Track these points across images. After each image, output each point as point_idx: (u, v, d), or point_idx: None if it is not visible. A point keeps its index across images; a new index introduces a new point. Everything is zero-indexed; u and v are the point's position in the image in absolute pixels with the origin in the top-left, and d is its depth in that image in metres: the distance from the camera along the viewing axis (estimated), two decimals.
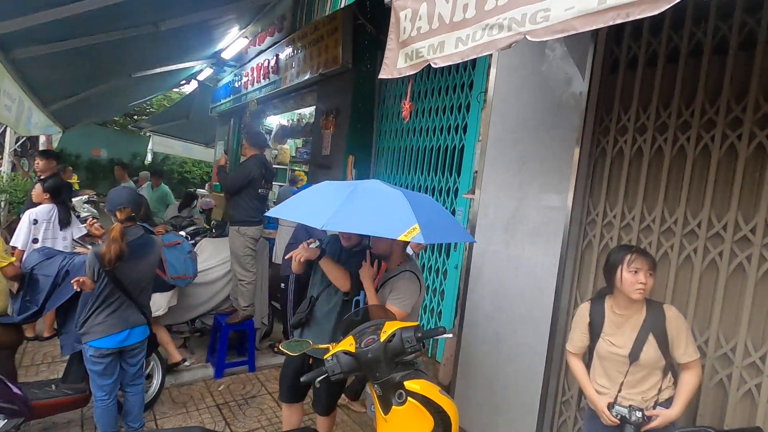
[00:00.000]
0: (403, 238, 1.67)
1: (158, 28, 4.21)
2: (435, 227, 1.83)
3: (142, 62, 5.73)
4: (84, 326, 2.31)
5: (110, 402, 2.40)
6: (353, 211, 1.79)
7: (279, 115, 7.91)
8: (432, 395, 1.78)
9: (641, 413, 1.76)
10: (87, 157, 15.26)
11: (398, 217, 1.72)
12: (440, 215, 2.03)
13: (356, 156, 4.86)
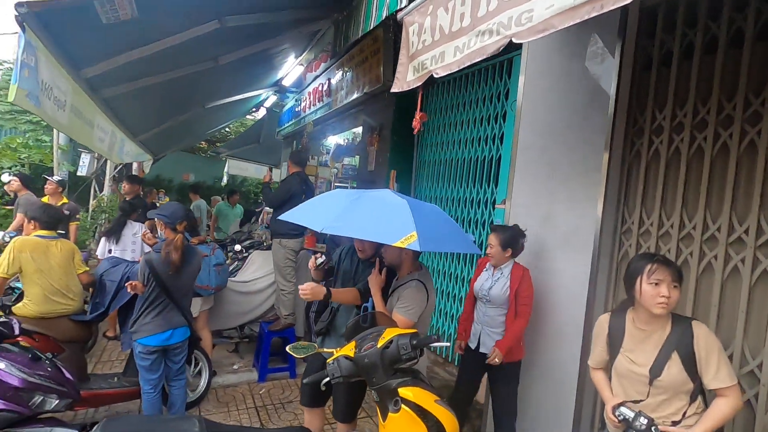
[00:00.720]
0: (399, 244, 1.70)
1: (217, 62, 4.73)
2: (436, 236, 1.84)
3: (211, 94, 6.41)
4: (134, 325, 2.63)
5: (155, 395, 2.68)
6: (353, 217, 1.86)
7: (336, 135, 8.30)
8: (426, 404, 1.76)
9: (648, 421, 1.57)
10: (178, 181, 17.16)
11: (397, 224, 1.76)
12: (444, 225, 2.02)
13: (398, 170, 4.94)
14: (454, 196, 4.34)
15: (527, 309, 2.54)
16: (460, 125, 4.35)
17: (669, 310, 1.67)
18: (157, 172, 13.26)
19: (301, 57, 6.85)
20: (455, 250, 2.12)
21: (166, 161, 12.06)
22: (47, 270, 2.77)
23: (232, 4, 3.57)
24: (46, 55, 2.84)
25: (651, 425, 1.56)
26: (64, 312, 2.84)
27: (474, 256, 3.77)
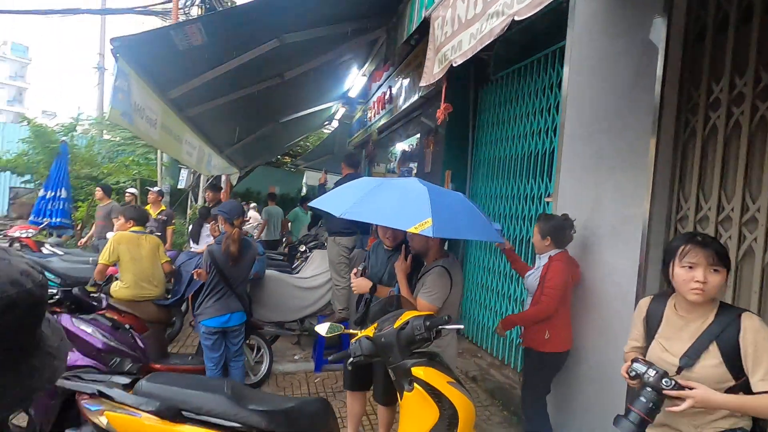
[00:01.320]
0: (413, 230, 1.77)
1: (283, 78, 5.18)
2: (453, 223, 1.87)
3: (283, 109, 6.98)
4: (199, 308, 2.99)
5: (217, 371, 3.00)
6: (372, 203, 1.97)
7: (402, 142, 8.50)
8: (438, 384, 1.78)
9: (658, 373, 1.41)
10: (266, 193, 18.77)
11: (414, 211, 1.82)
12: (466, 213, 2.03)
13: (453, 170, 4.94)
14: (509, 192, 4.23)
15: (547, 300, 2.43)
16: (514, 120, 4.25)
17: (706, 297, 1.50)
18: (247, 185, 14.61)
19: (364, 68, 7.17)
20: (474, 237, 2.11)
21: (254, 175, 13.28)
22: (138, 259, 3.28)
23: (290, 22, 3.92)
24: (137, 81, 3.39)
25: (662, 377, 1.41)
26: (150, 296, 3.32)
27: (530, 252, 3.64)
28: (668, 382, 1.39)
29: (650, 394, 1.41)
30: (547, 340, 2.51)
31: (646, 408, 1.39)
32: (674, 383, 1.39)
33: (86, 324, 2.34)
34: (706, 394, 1.37)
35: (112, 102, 3.02)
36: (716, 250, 1.48)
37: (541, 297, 2.47)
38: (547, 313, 2.45)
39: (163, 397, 1.57)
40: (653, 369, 1.43)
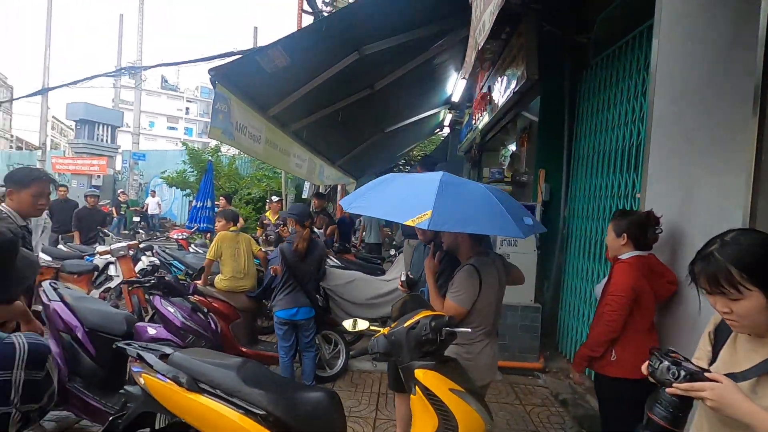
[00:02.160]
0: (411, 222, 1.72)
1: (373, 89, 5.41)
2: (458, 216, 1.74)
3: (385, 119, 7.27)
4: (273, 300, 3.31)
5: (287, 360, 3.28)
6: (379, 197, 1.96)
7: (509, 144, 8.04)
8: (437, 390, 1.67)
9: (671, 364, 1.08)
10: None
11: (416, 203, 1.76)
12: (481, 206, 1.86)
13: (547, 168, 4.49)
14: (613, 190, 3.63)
15: (608, 310, 2.01)
16: (614, 107, 3.68)
17: (747, 329, 1.12)
18: None
19: (462, 71, 7.03)
20: (480, 231, 1.90)
21: None
22: (237, 256, 3.81)
23: (367, 34, 4.11)
24: (237, 103, 3.95)
25: (669, 368, 1.08)
26: (243, 288, 3.82)
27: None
28: (676, 373, 1.05)
29: (667, 396, 1.08)
30: (613, 362, 2.10)
31: (665, 414, 1.08)
32: (684, 374, 1.05)
33: (170, 305, 2.84)
34: (727, 393, 1.01)
35: (212, 122, 3.58)
36: (708, 274, 1.09)
37: (604, 307, 2.08)
38: (610, 327, 2.05)
39: (186, 368, 1.81)
40: (667, 360, 1.10)
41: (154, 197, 14.25)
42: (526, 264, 4.15)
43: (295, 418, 1.73)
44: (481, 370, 2.08)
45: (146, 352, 1.88)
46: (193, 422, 1.76)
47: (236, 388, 1.74)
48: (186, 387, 1.74)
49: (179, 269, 4.93)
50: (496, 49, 5.68)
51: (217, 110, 3.62)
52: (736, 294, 1.07)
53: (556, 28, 4.41)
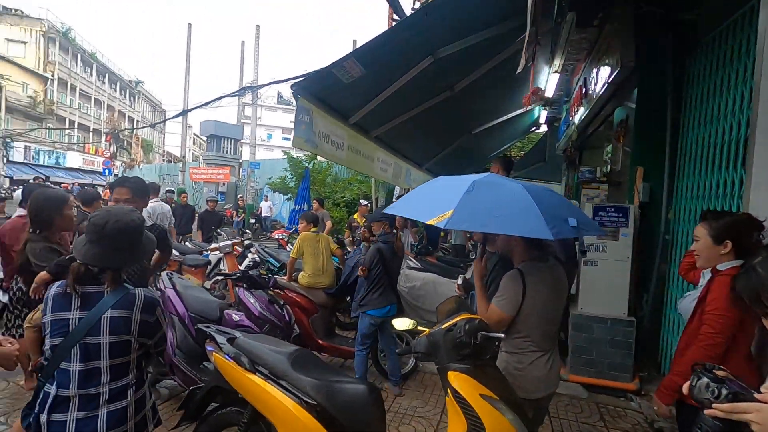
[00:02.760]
0: (432, 222, 1.73)
1: (453, 90, 5.37)
2: (481, 217, 1.70)
3: (471, 120, 7.13)
4: (364, 300, 3.48)
5: (364, 354, 3.45)
6: (416, 199, 2.00)
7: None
8: (466, 394, 1.65)
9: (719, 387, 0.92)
10: None
11: (443, 203, 1.77)
12: (507, 206, 1.77)
13: (646, 166, 3.99)
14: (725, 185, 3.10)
15: (708, 332, 1.72)
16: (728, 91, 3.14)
17: None
18: None
19: (556, 64, 6.57)
20: (504, 231, 1.77)
21: None
22: (317, 254, 4.13)
23: (439, 37, 4.12)
24: (319, 113, 4.28)
25: (708, 385, 0.94)
26: (321, 285, 4.11)
27: None
28: (715, 391, 0.92)
29: (708, 420, 0.95)
30: None
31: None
32: (726, 393, 0.90)
33: (251, 296, 3.19)
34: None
35: (295, 132, 3.93)
36: (749, 292, 0.92)
37: (702, 329, 1.80)
38: (710, 351, 1.75)
39: (247, 351, 2.05)
40: (707, 376, 0.96)
41: (267, 201, 15.93)
42: (616, 272, 3.78)
43: (335, 405, 1.84)
44: (532, 382, 1.97)
45: (218, 334, 2.17)
46: (251, 400, 1.99)
47: (285, 372, 1.92)
48: (246, 368, 1.98)
49: (275, 265, 5.48)
50: (591, 37, 5.21)
51: (300, 121, 3.97)
52: None
53: (656, 6, 3.91)
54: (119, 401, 1.54)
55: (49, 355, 1.51)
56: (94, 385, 1.50)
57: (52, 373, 1.50)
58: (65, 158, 28.01)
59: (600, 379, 3.75)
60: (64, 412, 1.47)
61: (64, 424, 1.46)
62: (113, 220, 1.58)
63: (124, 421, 1.54)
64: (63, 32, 29.90)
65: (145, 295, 1.62)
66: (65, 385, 1.48)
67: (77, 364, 1.48)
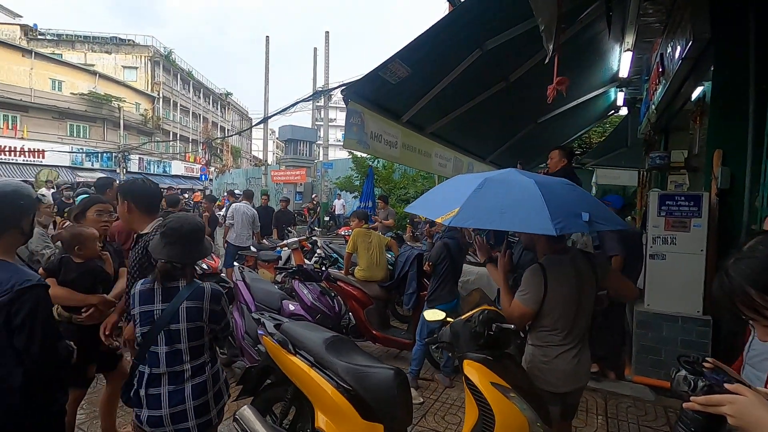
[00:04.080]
0: (439, 219, 1.81)
1: (508, 81, 5.24)
2: (485, 213, 1.74)
3: (534, 108, 6.83)
4: (432, 295, 3.61)
5: (423, 347, 3.57)
6: (431, 197, 2.07)
7: None
8: (478, 382, 1.71)
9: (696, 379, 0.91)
10: None
11: (452, 201, 1.84)
12: (514, 203, 1.77)
13: (725, 148, 3.58)
14: None
15: None
16: None
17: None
18: None
19: (628, 41, 6.05)
20: (506, 227, 1.74)
21: None
22: (368, 249, 4.34)
23: (487, 28, 4.08)
24: (370, 114, 4.47)
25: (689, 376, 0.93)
26: (375, 278, 4.31)
27: None
28: (691, 383, 0.91)
29: (689, 413, 0.91)
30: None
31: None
32: (702, 385, 0.90)
33: (304, 287, 3.48)
34: (751, 408, 0.81)
35: (346, 134, 4.16)
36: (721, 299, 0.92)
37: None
38: None
39: (290, 335, 2.29)
40: (685, 368, 0.95)
41: (340, 200, 16.68)
42: (688, 267, 3.48)
43: (364, 389, 2.01)
44: (557, 375, 1.96)
45: (267, 320, 2.46)
46: (293, 380, 2.23)
47: (320, 354, 2.13)
48: (289, 350, 2.23)
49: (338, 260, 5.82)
50: (664, 9, 4.76)
51: (351, 124, 4.18)
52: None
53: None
54: (200, 376, 1.86)
55: (140, 341, 1.85)
56: (178, 364, 1.83)
57: (144, 355, 1.85)
58: (170, 167, 31.74)
59: (668, 381, 3.46)
60: (157, 387, 1.81)
61: (158, 396, 1.80)
62: (186, 223, 1.91)
63: (205, 393, 1.87)
64: (165, 55, 33.83)
65: (212, 288, 1.93)
66: (156, 364, 1.82)
67: (163, 347, 1.82)
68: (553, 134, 9.17)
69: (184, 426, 1.80)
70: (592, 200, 1.94)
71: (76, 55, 30.44)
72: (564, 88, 2.26)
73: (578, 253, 2.05)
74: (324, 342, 2.20)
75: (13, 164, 21.77)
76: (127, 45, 32.77)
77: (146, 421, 1.81)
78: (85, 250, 2.38)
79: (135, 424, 1.88)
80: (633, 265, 3.84)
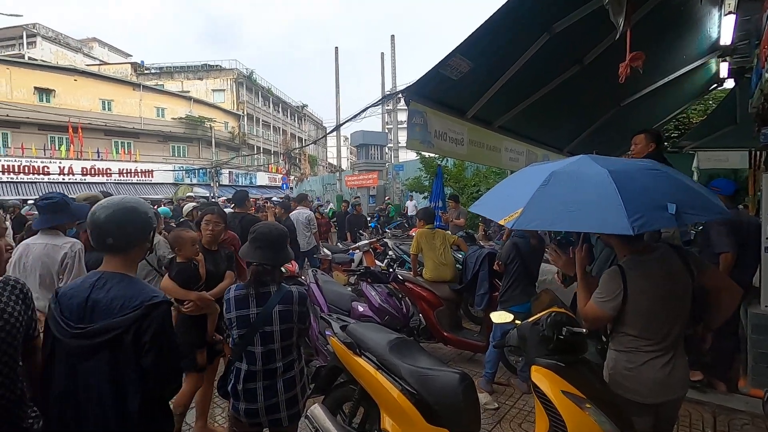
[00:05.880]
0: (502, 222, 1.70)
1: (582, 63, 4.83)
2: (551, 214, 1.58)
3: (617, 91, 6.23)
4: (504, 296, 3.47)
5: (497, 349, 3.43)
6: (492, 195, 1.95)
7: None
8: (548, 389, 1.60)
9: None
10: None
11: (514, 200, 1.72)
12: (584, 199, 1.57)
13: None
14: None
15: None
16: None
17: None
18: None
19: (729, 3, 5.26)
20: (574, 228, 1.49)
21: None
22: (433, 249, 4.28)
23: (553, 9, 3.81)
24: (433, 113, 4.41)
25: None
26: (444, 279, 4.22)
27: None
28: None
29: None
30: None
31: None
32: None
33: (372, 289, 3.50)
34: None
35: (409, 135, 4.14)
36: None
37: None
38: None
39: (355, 337, 2.32)
40: None
41: (412, 201, 16.69)
42: None
43: (428, 392, 1.97)
44: (645, 384, 1.74)
45: (334, 321, 2.52)
46: (361, 382, 2.26)
47: (384, 356, 2.13)
48: (354, 352, 2.26)
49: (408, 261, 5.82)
50: None
51: (414, 124, 4.16)
52: None
53: None
54: (290, 372, 2.03)
55: (237, 341, 2.01)
56: (272, 362, 1.99)
57: (240, 354, 2.01)
58: (256, 178, 34.28)
59: None
60: (253, 382, 1.99)
61: (254, 390, 1.98)
62: (274, 228, 2.09)
63: (294, 387, 2.03)
64: (247, 76, 36.70)
65: (298, 291, 2.08)
66: (253, 362, 1.99)
67: (259, 347, 1.98)
68: (641, 117, 8.28)
69: (276, 417, 1.98)
70: (683, 185, 1.66)
71: (175, 83, 34.28)
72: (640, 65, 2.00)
73: (668, 250, 1.80)
74: (388, 344, 2.20)
75: (129, 184, 25.08)
76: (215, 70, 36.10)
77: (243, 413, 1.99)
78: (183, 250, 2.65)
79: (232, 415, 2.07)
80: (748, 263, 3.30)
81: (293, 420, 2.03)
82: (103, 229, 1.44)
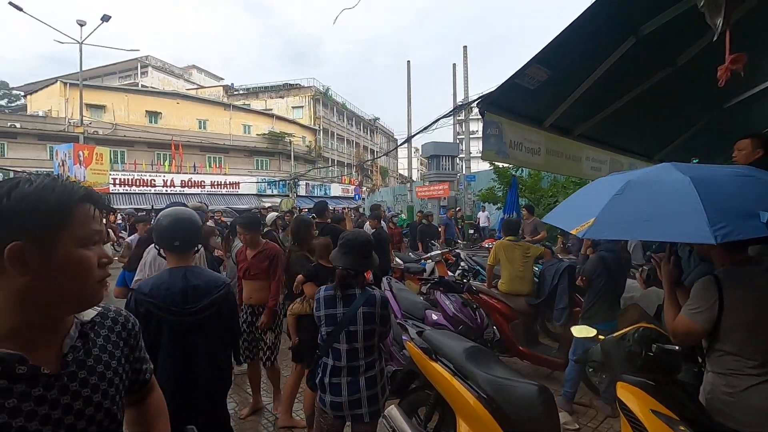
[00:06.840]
0: (574, 231, 1.68)
1: (676, 64, 4.48)
2: (625, 222, 1.54)
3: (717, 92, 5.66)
4: (588, 313, 3.34)
5: (578, 367, 3.29)
6: (567, 204, 1.92)
7: None
8: (636, 410, 1.53)
9: None
10: None
11: (587, 209, 1.70)
12: (662, 207, 1.50)
13: None
14: None
15: None
16: None
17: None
18: None
19: None
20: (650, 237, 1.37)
21: None
22: (512, 261, 4.21)
23: (640, 11, 3.62)
24: (508, 124, 4.38)
25: None
26: (520, 292, 4.13)
27: None
28: None
29: None
30: None
31: None
32: None
33: (446, 298, 3.52)
34: None
35: (484, 146, 4.16)
36: None
37: None
38: None
39: (432, 343, 2.39)
40: None
41: (484, 212, 16.35)
42: None
43: (505, 402, 1.98)
44: (747, 412, 1.60)
45: (410, 327, 2.61)
46: (437, 387, 2.32)
47: (460, 363, 2.18)
48: (431, 357, 2.34)
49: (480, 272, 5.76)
50: None
51: (489, 135, 4.17)
52: None
53: None
54: (371, 371, 2.18)
55: (325, 338, 2.20)
56: (355, 360, 2.16)
57: (327, 350, 2.20)
58: (330, 189, 35.84)
59: None
60: (338, 377, 2.16)
61: (339, 385, 2.15)
62: (360, 236, 2.27)
63: (375, 385, 2.18)
64: (324, 93, 38.73)
65: (381, 295, 2.24)
66: (338, 358, 2.17)
67: (344, 344, 2.15)
68: (749, 120, 7.38)
69: (358, 412, 2.12)
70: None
71: (260, 102, 37.28)
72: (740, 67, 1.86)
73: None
74: (464, 351, 2.24)
75: (219, 195, 27.57)
76: (295, 88, 38.63)
77: (329, 405, 2.15)
78: (327, 256, 2.91)
79: (319, 406, 2.26)
80: None
81: (374, 417, 2.15)
82: (178, 233, 1.94)
